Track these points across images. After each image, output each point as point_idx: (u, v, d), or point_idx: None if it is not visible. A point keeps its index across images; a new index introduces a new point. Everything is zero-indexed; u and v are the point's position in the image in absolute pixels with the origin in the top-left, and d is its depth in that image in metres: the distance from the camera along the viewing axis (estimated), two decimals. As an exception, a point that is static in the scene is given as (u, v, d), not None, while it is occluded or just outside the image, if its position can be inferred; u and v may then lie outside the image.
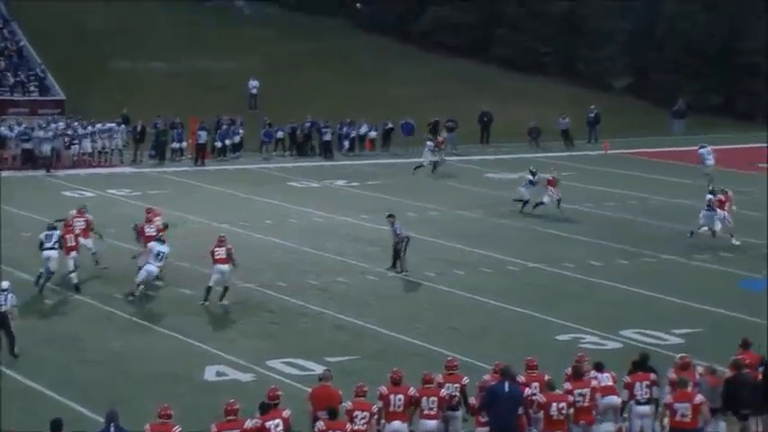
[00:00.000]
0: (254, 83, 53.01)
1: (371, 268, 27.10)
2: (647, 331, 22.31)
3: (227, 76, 54.30)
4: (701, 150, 39.43)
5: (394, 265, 26.78)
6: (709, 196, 30.59)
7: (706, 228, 30.30)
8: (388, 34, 64.03)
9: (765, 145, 48.38)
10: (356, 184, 39.18)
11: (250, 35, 60.57)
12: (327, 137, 45.20)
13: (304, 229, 31.69)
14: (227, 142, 44.54)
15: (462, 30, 63.27)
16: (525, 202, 34.04)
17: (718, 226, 30.21)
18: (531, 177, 34.29)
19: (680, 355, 16.84)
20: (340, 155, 45.53)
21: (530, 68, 61.18)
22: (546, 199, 33.79)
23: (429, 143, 42.15)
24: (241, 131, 45.12)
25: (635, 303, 24.52)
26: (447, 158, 42.42)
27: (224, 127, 44.73)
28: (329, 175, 41.01)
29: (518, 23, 61.60)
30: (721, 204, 30.33)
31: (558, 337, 22.03)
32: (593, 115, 50.11)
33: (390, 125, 46.89)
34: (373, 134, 46.84)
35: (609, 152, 46.92)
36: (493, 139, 49.40)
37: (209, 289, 24.03)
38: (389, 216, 27.29)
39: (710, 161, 38.88)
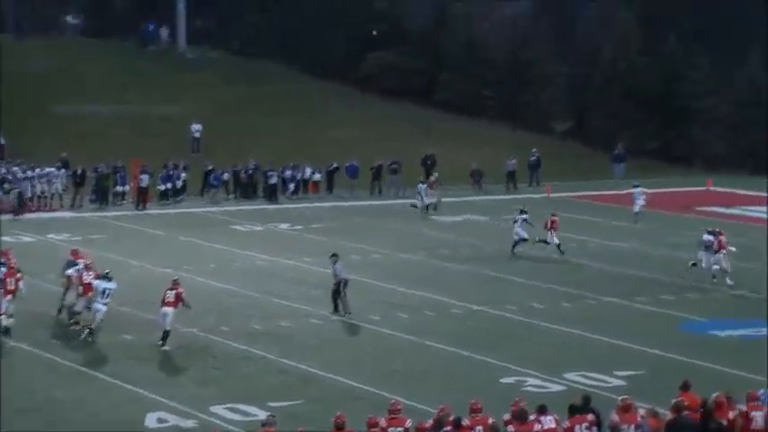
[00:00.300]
0: (196, 126, 52.93)
1: (315, 312, 27.06)
2: (590, 374, 22.47)
3: (170, 120, 54.15)
4: (635, 190, 40.95)
5: (336, 309, 26.77)
6: (710, 237, 30.72)
7: (717, 267, 30.32)
8: (332, 78, 64.36)
9: (704, 189, 49.22)
10: (300, 227, 39.18)
11: (192, 79, 60.52)
12: (273, 180, 45.29)
13: (247, 272, 31.57)
14: (170, 186, 44.36)
15: (406, 74, 63.81)
16: (525, 240, 34.45)
17: (717, 267, 30.52)
18: (525, 216, 34.72)
19: (621, 397, 16.99)
20: (284, 198, 45.54)
21: (473, 112, 61.79)
22: (552, 240, 34.19)
23: (421, 185, 42.80)
24: (184, 175, 44.98)
25: (578, 346, 24.71)
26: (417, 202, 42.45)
27: (166, 171, 44.52)
28: (273, 218, 40.97)
29: (462, 68, 62.26)
30: (720, 246, 30.54)
31: (502, 380, 22.11)
32: (534, 158, 50.63)
33: (336, 165, 47.04)
34: (317, 177, 46.94)
35: (551, 195, 47.41)
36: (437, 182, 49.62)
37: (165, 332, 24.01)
38: (333, 255, 27.35)
39: (641, 201, 40.27)
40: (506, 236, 37.62)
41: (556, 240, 34.36)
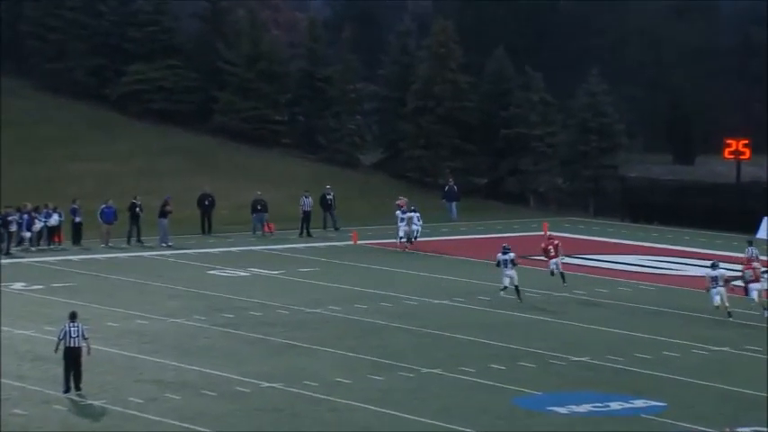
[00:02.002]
0: None
1: (57, 395, 26.29)
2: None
3: None
4: (399, 211, 46.10)
5: (66, 389, 26.25)
6: (717, 272, 34.31)
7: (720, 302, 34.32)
8: (79, 97, 63.27)
9: (542, 233, 50.43)
10: (40, 287, 38.21)
11: None
12: (13, 227, 44.11)
13: (-31, 346, 30.47)
14: None
15: (175, 92, 63.33)
16: (516, 287, 36.30)
17: (754, 295, 34.65)
18: (512, 256, 36.21)
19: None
20: (18, 250, 44.27)
21: (260, 140, 61.81)
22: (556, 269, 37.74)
23: (399, 213, 46.20)
24: None
25: (390, 430, 24.75)
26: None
27: None
28: (3, 276, 39.77)
29: (246, 86, 62.24)
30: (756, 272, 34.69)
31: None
32: (330, 197, 50.77)
33: (75, 206, 45.79)
34: (55, 220, 45.53)
35: (358, 243, 47.73)
36: (216, 228, 49.34)
37: None
38: (71, 314, 26.75)
39: (416, 226, 46.00)
40: (304, 293, 37.61)
41: (559, 267, 37.70)
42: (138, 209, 46.17)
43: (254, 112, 62.20)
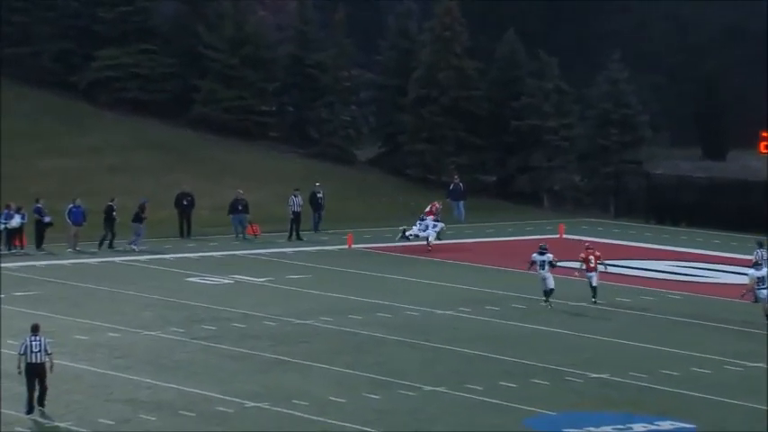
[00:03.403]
0: None
1: (20, 416, 26.32)
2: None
3: None
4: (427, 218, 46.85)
5: (30, 410, 26.15)
6: (763, 272, 35.38)
7: None
8: (43, 85, 63.25)
9: (557, 237, 50.53)
10: None
11: None
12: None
13: None
14: None
15: (151, 80, 63.32)
16: (551, 291, 36.99)
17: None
18: (549, 257, 36.93)
19: None
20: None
21: (246, 133, 61.82)
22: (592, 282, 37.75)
23: (421, 221, 47.20)
24: None
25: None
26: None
27: None
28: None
29: (230, 74, 62.28)
30: None
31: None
32: (320, 195, 50.78)
33: (39, 205, 45.80)
34: (17, 221, 45.53)
35: (353, 247, 47.77)
36: (195, 231, 49.38)
37: None
38: (32, 327, 26.76)
39: (432, 232, 46.73)
40: (293, 303, 37.65)
41: (594, 282, 37.54)
42: (114, 213, 46.12)
43: (238, 102, 62.21)
